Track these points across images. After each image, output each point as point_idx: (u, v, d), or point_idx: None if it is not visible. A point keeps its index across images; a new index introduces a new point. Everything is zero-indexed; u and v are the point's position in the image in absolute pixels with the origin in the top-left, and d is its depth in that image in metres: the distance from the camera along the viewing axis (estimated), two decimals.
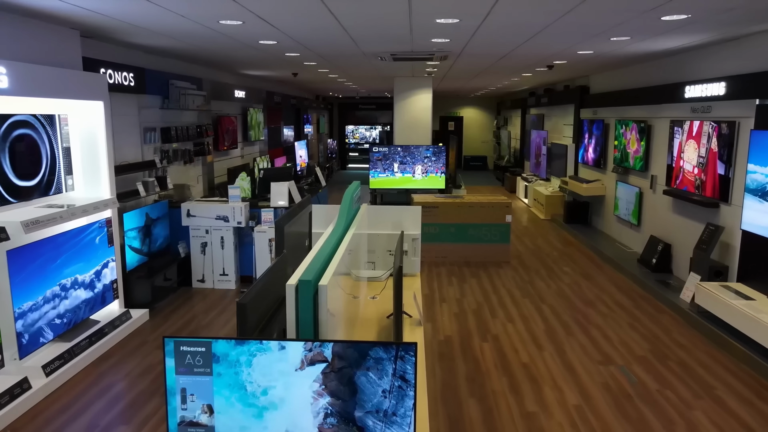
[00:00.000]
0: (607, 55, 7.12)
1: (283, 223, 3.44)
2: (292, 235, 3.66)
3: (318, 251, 2.89)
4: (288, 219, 3.57)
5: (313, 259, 2.65)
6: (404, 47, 6.65)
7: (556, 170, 11.96)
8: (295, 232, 3.80)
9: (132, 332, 5.38)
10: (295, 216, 3.82)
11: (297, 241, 3.96)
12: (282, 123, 14.12)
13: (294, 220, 3.78)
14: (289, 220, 3.59)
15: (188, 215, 6.67)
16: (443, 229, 8.03)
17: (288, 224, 3.59)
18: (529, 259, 8.29)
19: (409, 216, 4.67)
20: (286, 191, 6.89)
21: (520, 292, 6.69)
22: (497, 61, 8.00)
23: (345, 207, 3.64)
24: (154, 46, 6.48)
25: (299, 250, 3.95)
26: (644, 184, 7.87)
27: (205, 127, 8.34)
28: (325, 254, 2.81)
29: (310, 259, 2.69)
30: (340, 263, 2.74)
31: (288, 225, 3.60)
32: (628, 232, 8.50)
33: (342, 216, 3.59)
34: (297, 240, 3.91)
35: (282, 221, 3.43)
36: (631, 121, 8.20)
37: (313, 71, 9.85)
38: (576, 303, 6.29)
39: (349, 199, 3.75)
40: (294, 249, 3.76)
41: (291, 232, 3.64)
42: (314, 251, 3.01)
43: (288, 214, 3.68)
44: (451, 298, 6.48)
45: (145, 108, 6.83)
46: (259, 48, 6.59)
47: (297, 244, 3.94)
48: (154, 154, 6.99)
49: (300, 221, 4.07)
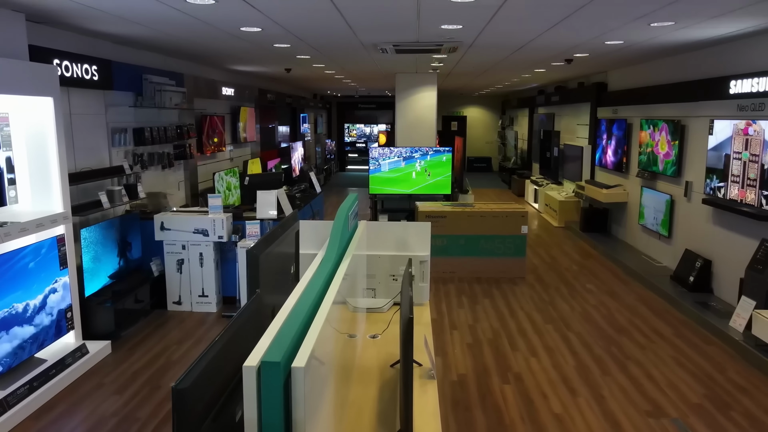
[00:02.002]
0: (639, 45, 6.28)
1: (258, 252, 2.63)
2: (274, 259, 2.84)
3: (298, 302, 2.06)
4: (265, 245, 2.74)
5: (286, 321, 1.82)
6: (409, 36, 5.82)
7: (570, 173, 11.13)
8: (280, 254, 2.94)
9: (88, 371, 4.55)
10: (277, 239, 3.00)
11: (281, 265, 3.16)
12: (276, 123, 13.28)
13: (276, 244, 2.96)
14: (266, 246, 2.76)
15: (162, 228, 5.84)
16: (452, 241, 7.19)
17: (267, 250, 2.78)
18: (547, 273, 7.45)
19: (416, 234, 3.85)
20: (275, 200, 6.06)
21: (540, 315, 5.86)
22: (512, 53, 7.17)
23: (337, 233, 2.81)
24: (123, 35, 5.64)
25: (282, 280, 3.15)
26: (677, 191, 7.03)
27: (187, 127, 7.51)
28: (306, 310, 1.97)
29: (284, 319, 1.88)
30: (326, 326, 1.91)
31: (267, 251, 2.78)
32: (655, 244, 7.66)
33: (333, 245, 2.75)
34: (281, 264, 3.09)
35: (257, 249, 2.61)
36: (660, 120, 7.37)
37: (308, 67, 9.01)
38: (607, 330, 5.46)
39: (342, 222, 2.91)
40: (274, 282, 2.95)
41: (274, 255, 2.77)
42: (292, 301, 2.19)
43: (266, 238, 2.85)
44: (462, 323, 5.64)
45: (113, 106, 5.99)
46: (243, 37, 5.75)
47: (281, 268, 3.14)
48: (124, 159, 6.16)
49: (285, 241, 3.26)
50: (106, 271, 5.32)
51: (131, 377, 4.44)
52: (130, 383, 4.35)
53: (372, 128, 21.83)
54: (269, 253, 2.77)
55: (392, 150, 9.55)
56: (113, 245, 5.43)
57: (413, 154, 9.50)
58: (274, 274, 2.94)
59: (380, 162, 9.47)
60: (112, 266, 5.40)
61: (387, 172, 9.50)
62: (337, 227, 2.82)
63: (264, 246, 2.72)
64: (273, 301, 2.81)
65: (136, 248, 5.84)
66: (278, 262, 3.01)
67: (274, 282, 2.90)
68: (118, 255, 5.52)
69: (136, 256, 5.83)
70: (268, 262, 2.73)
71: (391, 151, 9.53)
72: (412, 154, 9.50)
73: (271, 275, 2.81)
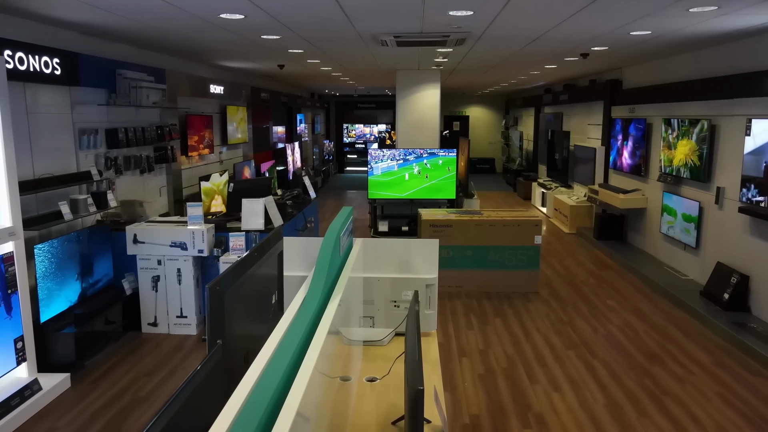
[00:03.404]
0: (667, 37, 5.65)
1: (224, 287, 2.01)
2: (250, 288, 2.28)
3: (277, 350, 1.50)
4: (233, 277, 2.12)
5: (261, 379, 1.28)
6: (412, 25, 5.19)
7: (581, 176, 10.49)
8: (258, 280, 2.36)
9: (39, 411, 3.91)
10: (250, 268, 2.37)
11: (260, 293, 2.56)
12: (271, 123, 12.65)
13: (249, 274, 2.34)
14: (235, 278, 2.14)
15: (135, 242, 5.20)
16: (458, 252, 6.56)
17: (236, 284, 2.16)
18: (562, 287, 6.81)
19: (421, 252, 3.25)
20: (262, 209, 5.43)
21: (560, 339, 5.22)
22: (525, 46, 6.53)
23: (324, 263, 2.19)
24: (91, 25, 5.01)
25: (260, 313, 2.55)
26: (705, 197, 6.40)
27: (169, 128, 6.87)
28: (287, 360, 1.42)
29: (258, 373, 1.33)
30: (312, 387, 1.33)
31: (236, 285, 2.17)
32: (680, 255, 7.02)
33: (318, 281, 2.13)
34: (259, 291, 2.51)
35: (221, 284, 1.99)
36: (686, 119, 6.73)
37: (302, 63, 8.38)
38: (636, 357, 4.82)
39: (331, 248, 2.28)
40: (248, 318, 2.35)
41: (248, 284, 2.19)
42: (271, 346, 1.63)
43: (236, 268, 2.21)
44: (472, 349, 5.01)
45: (81, 104, 5.36)
46: (225, 26, 5.12)
47: (258, 297, 2.54)
48: (95, 163, 5.52)
49: (268, 262, 2.67)
50: (69, 291, 4.68)
51: (89, 419, 3.81)
52: (87, 426, 3.71)
53: (372, 128, 21.17)
54: (240, 286, 2.15)
55: (384, 153, 9.03)
56: (78, 261, 4.79)
57: (407, 156, 8.98)
58: (249, 307, 2.33)
59: (373, 165, 8.94)
60: (76, 286, 4.77)
61: (380, 175, 8.97)
62: (323, 260, 2.19)
63: (231, 279, 2.09)
64: (247, 343, 2.20)
65: (107, 264, 5.21)
66: (255, 291, 2.41)
67: (248, 318, 2.29)
68: (84, 272, 4.89)
69: (106, 272, 5.20)
70: (239, 296, 2.12)
71: (383, 153, 9.01)
72: (407, 156, 8.98)
73: (243, 312, 2.20)
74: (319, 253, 2.21)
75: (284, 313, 2.17)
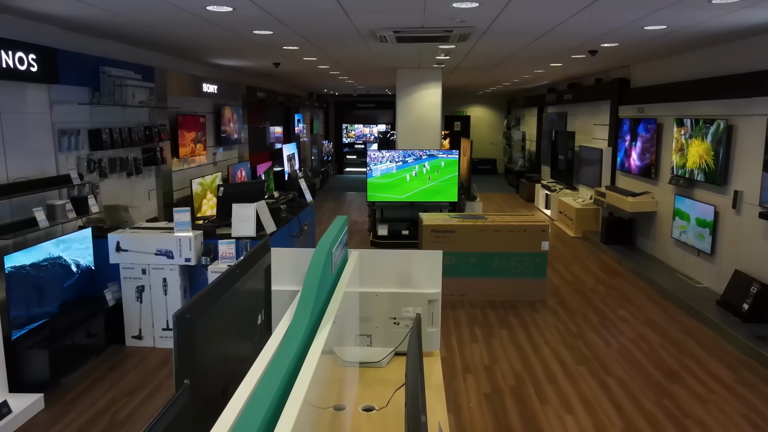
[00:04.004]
0: (683, 32, 5.34)
1: (194, 315, 1.69)
2: (229, 311, 1.98)
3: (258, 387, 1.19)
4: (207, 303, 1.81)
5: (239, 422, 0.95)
6: (413, 19, 4.87)
7: (587, 178, 10.17)
8: (244, 295, 2.08)
9: None
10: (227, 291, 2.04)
11: (245, 312, 2.26)
12: (267, 123, 12.34)
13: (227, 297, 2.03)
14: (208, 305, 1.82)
15: (118, 249, 4.89)
16: (461, 259, 6.24)
17: (209, 311, 1.85)
18: (570, 296, 6.50)
19: (423, 264, 2.94)
20: (253, 215, 5.11)
21: (570, 353, 4.90)
22: (531, 42, 6.21)
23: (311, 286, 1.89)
24: (71, 18, 4.70)
25: (243, 336, 2.26)
26: (722, 201, 6.08)
27: (158, 128, 6.55)
28: (270, 399, 1.11)
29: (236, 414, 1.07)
30: None
31: (210, 312, 1.86)
32: (694, 261, 6.70)
33: (305, 305, 1.83)
34: (243, 311, 2.17)
35: (191, 311, 1.67)
36: (701, 119, 6.41)
37: (298, 60, 8.06)
38: (654, 374, 4.50)
39: (320, 269, 1.97)
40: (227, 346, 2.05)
41: (228, 307, 1.88)
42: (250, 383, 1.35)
43: (210, 291, 1.88)
44: (477, 364, 4.69)
45: (60, 103, 5.04)
46: (214, 20, 4.80)
47: (242, 318, 2.24)
48: (76, 166, 5.21)
49: (253, 278, 2.35)
50: (46, 303, 4.37)
51: None
52: None
53: (371, 128, 20.84)
54: (217, 311, 1.84)
55: (384, 154, 8.80)
56: (57, 271, 4.48)
57: (406, 158, 8.75)
58: (229, 332, 2.02)
59: (372, 167, 8.69)
60: (54, 297, 4.45)
61: (379, 177, 8.72)
62: (311, 281, 1.89)
63: (205, 304, 1.77)
64: (226, 373, 1.90)
65: (88, 273, 4.89)
66: (236, 313, 2.10)
67: (228, 344, 1.98)
68: (63, 282, 4.57)
69: (87, 282, 4.88)
70: (216, 323, 1.81)
71: (383, 155, 8.78)
72: (405, 158, 8.74)
73: (221, 339, 1.89)
74: (307, 275, 1.90)
75: (272, 333, 1.89)
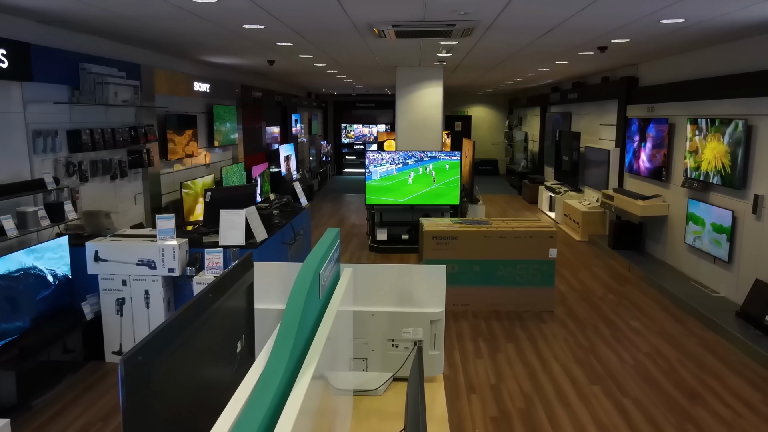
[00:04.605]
0: (701, 26, 5.00)
1: (148, 359, 1.34)
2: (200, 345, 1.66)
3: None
4: (164, 341, 1.46)
5: None
6: (413, 12, 4.54)
7: (593, 180, 9.83)
8: (220, 322, 1.81)
9: None
10: (193, 323, 1.70)
11: (221, 342, 1.94)
12: (264, 123, 12.01)
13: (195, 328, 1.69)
14: (167, 343, 1.48)
15: (96, 259, 4.55)
16: (464, 267, 5.91)
17: (168, 350, 1.50)
18: (579, 305, 6.16)
19: (425, 280, 2.63)
20: (242, 222, 4.78)
21: (582, 370, 4.57)
22: (538, 38, 5.88)
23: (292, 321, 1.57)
24: (47, 11, 4.37)
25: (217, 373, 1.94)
26: (740, 206, 5.75)
27: (145, 129, 6.22)
28: None
29: None
30: None
31: (169, 351, 1.50)
32: (709, 269, 6.36)
33: (284, 343, 1.50)
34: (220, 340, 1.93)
35: (143, 353, 1.32)
36: (717, 119, 6.08)
37: (293, 58, 7.73)
38: (673, 395, 4.17)
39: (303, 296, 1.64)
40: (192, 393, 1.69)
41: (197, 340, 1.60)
42: None
43: (169, 326, 1.53)
44: (482, 383, 4.35)
45: (35, 102, 4.70)
46: (199, 13, 4.47)
47: (220, 346, 1.93)
48: (53, 169, 4.87)
49: (231, 300, 2.03)
50: (17, 318, 4.04)
51: None
52: None
53: (371, 129, 20.49)
54: (179, 348, 1.51)
55: (383, 156, 8.51)
56: (30, 282, 4.15)
57: (407, 160, 8.45)
58: (199, 369, 1.69)
59: (371, 169, 8.39)
60: (26, 311, 4.12)
61: (378, 180, 8.41)
62: (292, 316, 1.58)
63: (163, 342, 1.44)
64: (200, 412, 1.59)
65: (66, 284, 4.56)
66: (209, 345, 1.79)
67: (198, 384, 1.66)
68: (36, 295, 4.24)
69: (64, 294, 4.55)
70: (178, 363, 1.49)
71: (382, 157, 8.48)
72: (406, 160, 8.44)
73: (187, 380, 1.56)
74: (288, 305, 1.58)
75: (255, 360, 1.59)
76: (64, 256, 4.52)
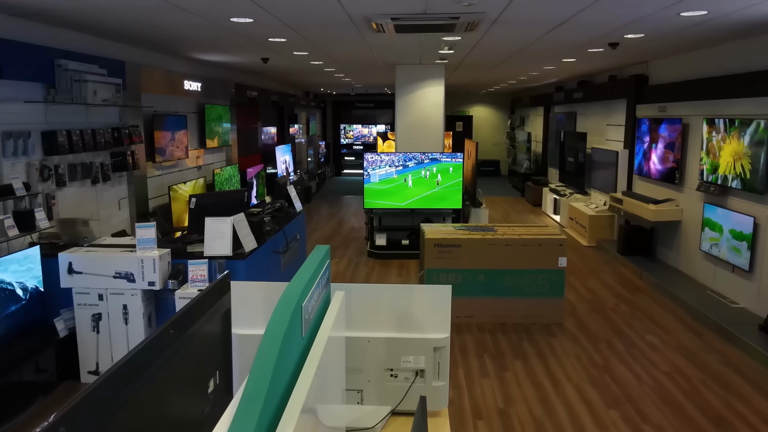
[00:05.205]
0: (723, 19, 4.65)
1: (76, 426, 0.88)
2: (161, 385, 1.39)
3: None
4: (102, 402, 1.08)
5: None
6: (414, 4, 4.18)
7: (600, 182, 9.48)
8: (191, 351, 1.65)
9: None
10: (143, 374, 1.31)
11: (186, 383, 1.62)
12: (259, 123, 11.65)
13: (152, 374, 1.29)
14: (108, 402, 1.10)
15: (70, 271, 4.20)
16: (468, 277, 5.55)
17: (112, 406, 1.08)
18: (589, 317, 5.81)
19: (428, 301, 2.30)
20: (229, 231, 4.42)
21: (597, 392, 4.21)
22: (547, 33, 5.52)
23: (262, 377, 1.17)
24: (19, 4, 4.01)
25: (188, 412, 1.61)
26: (762, 212, 5.39)
27: (130, 129, 5.87)
28: None
29: None
30: None
31: (110, 412, 1.07)
32: (727, 278, 6.01)
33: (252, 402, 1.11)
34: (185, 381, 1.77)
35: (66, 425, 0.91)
36: (736, 119, 5.73)
37: (288, 55, 7.37)
38: (699, 421, 3.81)
39: (278, 343, 1.27)
40: None
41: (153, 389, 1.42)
42: None
43: (108, 383, 1.13)
44: (489, 407, 4.00)
45: (4, 101, 4.34)
46: (183, 5, 4.11)
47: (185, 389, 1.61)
48: (25, 174, 4.52)
49: (208, 324, 1.67)
50: None
51: None
52: None
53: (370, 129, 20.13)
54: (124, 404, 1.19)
55: (382, 158, 8.17)
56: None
57: (407, 162, 8.12)
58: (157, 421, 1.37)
59: (369, 171, 8.05)
60: None
61: (377, 183, 8.07)
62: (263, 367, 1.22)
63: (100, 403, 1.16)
64: None
65: (38, 298, 4.21)
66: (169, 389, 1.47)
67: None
68: (4, 310, 3.88)
69: (35, 309, 4.19)
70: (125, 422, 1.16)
71: (381, 159, 8.15)
72: (406, 162, 8.11)
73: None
74: (256, 358, 1.25)
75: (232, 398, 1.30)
76: (32, 268, 4.16)
